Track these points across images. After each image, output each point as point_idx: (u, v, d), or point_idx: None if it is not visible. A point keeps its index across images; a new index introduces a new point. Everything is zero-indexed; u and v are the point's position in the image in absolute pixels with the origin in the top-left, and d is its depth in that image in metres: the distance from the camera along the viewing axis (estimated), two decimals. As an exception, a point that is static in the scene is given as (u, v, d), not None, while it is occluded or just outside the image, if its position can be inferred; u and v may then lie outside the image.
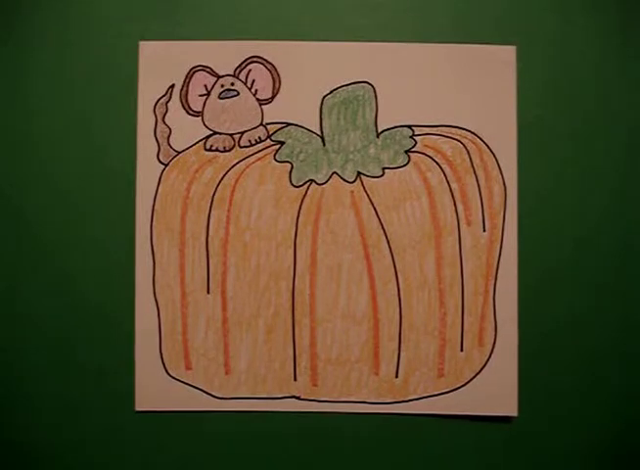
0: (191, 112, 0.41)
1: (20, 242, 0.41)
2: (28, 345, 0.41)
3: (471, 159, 0.41)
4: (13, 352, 0.41)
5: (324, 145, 0.41)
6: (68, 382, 0.41)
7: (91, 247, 0.41)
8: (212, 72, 0.41)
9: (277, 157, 0.41)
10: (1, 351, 0.41)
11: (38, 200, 0.41)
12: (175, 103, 0.41)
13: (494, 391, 0.40)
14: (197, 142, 0.41)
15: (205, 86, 0.41)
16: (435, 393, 0.40)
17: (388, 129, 0.41)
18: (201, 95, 0.41)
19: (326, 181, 0.41)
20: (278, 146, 0.41)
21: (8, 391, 0.41)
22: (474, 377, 0.40)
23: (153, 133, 0.41)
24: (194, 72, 0.41)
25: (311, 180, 0.41)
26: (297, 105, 0.41)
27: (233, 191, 0.41)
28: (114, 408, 0.41)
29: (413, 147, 0.41)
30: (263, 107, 0.41)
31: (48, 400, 0.41)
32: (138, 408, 0.41)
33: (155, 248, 0.41)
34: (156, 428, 0.41)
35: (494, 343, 0.40)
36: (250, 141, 0.41)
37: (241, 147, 0.41)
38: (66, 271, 0.41)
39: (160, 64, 0.41)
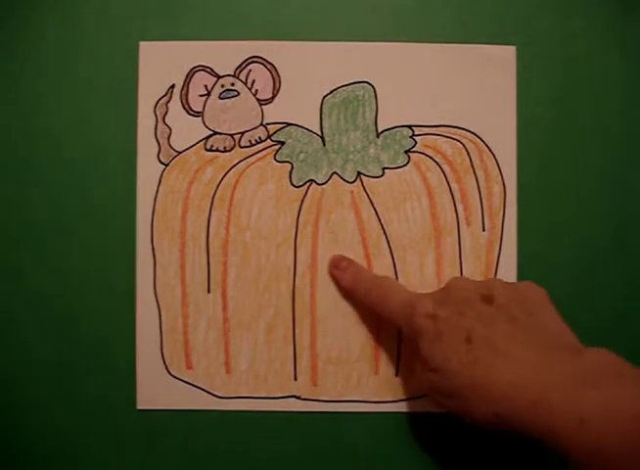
0: (191, 112, 0.41)
1: (19, 242, 0.41)
2: (27, 345, 0.41)
3: (471, 159, 0.41)
4: (11, 352, 0.41)
5: (324, 145, 0.41)
6: (69, 381, 0.41)
7: (91, 246, 0.41)
8: (212, 73, 0.41)
9: (277, 157, 0.41)
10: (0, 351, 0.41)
11: (38, 200, 0.41)
12: (176, 103, 0.41)
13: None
14: (197, 142, 0.41)
15: (206, 86, 0.41)
16: (435, 391, 0.41)
17: (389, 129, 0.41)
18: (201, 95, 0.41)
19: (326, 181, 0.41)
20: (278, 146, 0.41)
21: (7, 390, 0.41)
22: (473, 376, 0.41)
23: (153, 133, 0.41)
24: (194, 73, 0.41)
25: (311, 180, 0.41)
26: (298, 105, 0.41)
27: (233, 191, 0.41)
28: (115, 407, 0.41)
29: (413, 147, 0.41)
30: (263, 107, 0.41)
31: (48, 400, 0.41)
32: (139, 407, 0.41)
33: (155, 248, 0.41)
34: (157, 426, 0.41)
35: (493, 342, 0.41)
36: (250, 141, 0.41)
37: (241, 147, 0.41)
38: (65, 271, 0.41)
39: (160, 64, 0.41)
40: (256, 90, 0.41)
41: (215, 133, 0.41)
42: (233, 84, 0.41)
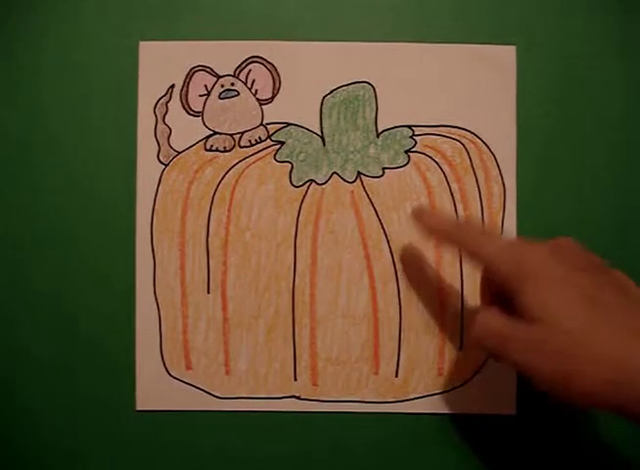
0: (191, 112, 0.41)
1: (19, 242, 0.41)
2: (27, 345, 0.41)
3: (470, 159, 0.41)
4: (11, 352, 0.41)
5: (324, 145, 0.41)
6: (69, 381, 0.41)
7: (91, 247, 0.41)
8: (212, 73, 0.41)
9: (277, 157, 0.41)
10: None
11: (38, 200, 0.41)
12: (175, 103, 0.41)
13: (493, 389, 0.40)
14: (197, 142, 0.41)
15: (206, 86, 0.41)
16: (435, 391, 0.41)
17: (389, 129, 0.41)
18: (201, 95, 0.41)
19: (326, 181, 0.41)
20: (278, 146, 0.41)
21: (7, 390, 0.41)
22: (473, 376, 0.41)
23: (153, 133, 0.41)
24: (194, 73, 0.41)
25: (311, 180, 0.41)
26: (297, 105, 0.41)
27: (233, 191, 0.41)
28: (114, 408, 0.41)
29: (413, 147, 0.41)
30: (263, 107, 0.41)
31: (47, 400, 0.41)
32: (139, 408, 0.41)
33: (155, 248, 0.41)
34: (156, 427, 0.41)
35: (494, 342, 0.41)
36: (250, 141, 0.41)
37: (241, 147, 0.41)
38: (65, 271, 0.41)
39: (160, 64, 0.41)
40: (256, 90, 0.41)
41: (215, 133, 0.41)
42: (233, 84, 0.41)
